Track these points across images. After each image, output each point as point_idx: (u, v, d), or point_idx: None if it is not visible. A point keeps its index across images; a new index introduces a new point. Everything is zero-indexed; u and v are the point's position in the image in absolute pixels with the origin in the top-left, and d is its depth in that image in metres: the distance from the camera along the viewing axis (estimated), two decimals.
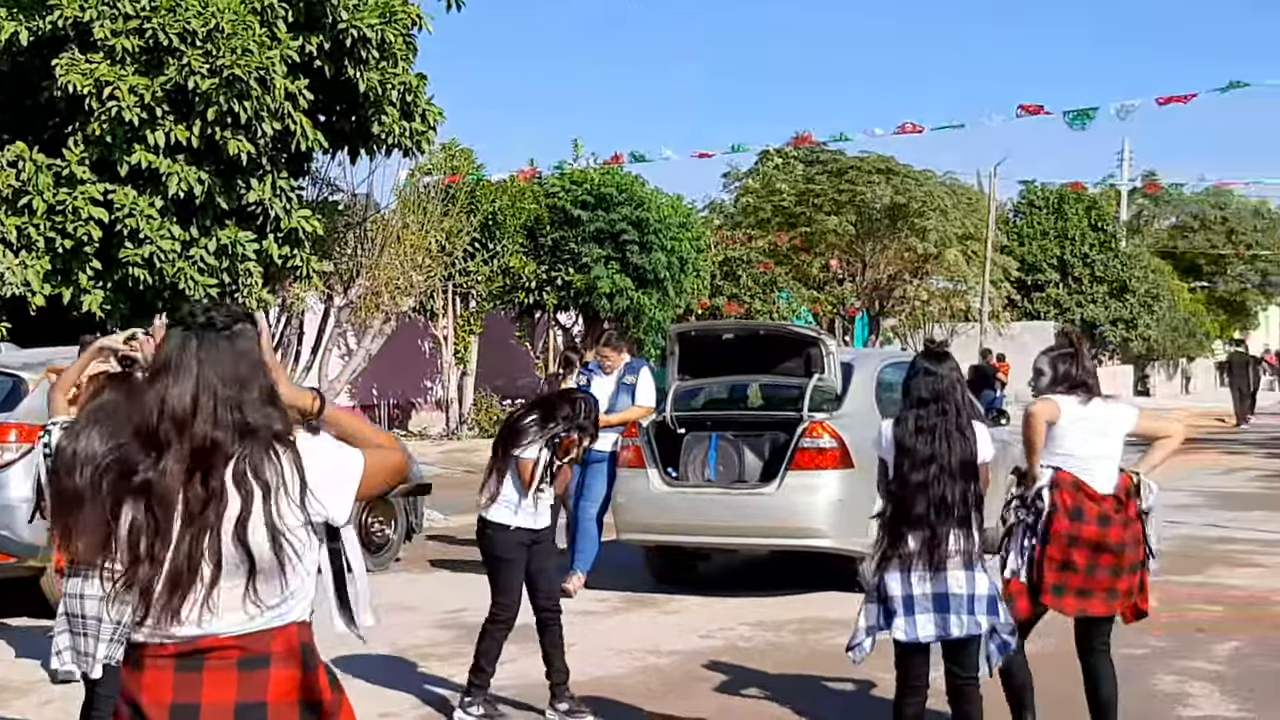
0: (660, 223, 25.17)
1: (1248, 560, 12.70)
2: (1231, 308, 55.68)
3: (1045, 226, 41.32)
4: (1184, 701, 7.71)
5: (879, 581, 5.85)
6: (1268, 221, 56.04)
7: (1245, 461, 22.62)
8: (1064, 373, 6.50)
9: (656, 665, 8.68)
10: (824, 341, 11.17)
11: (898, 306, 35.26)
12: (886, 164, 32.30)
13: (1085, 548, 6.27)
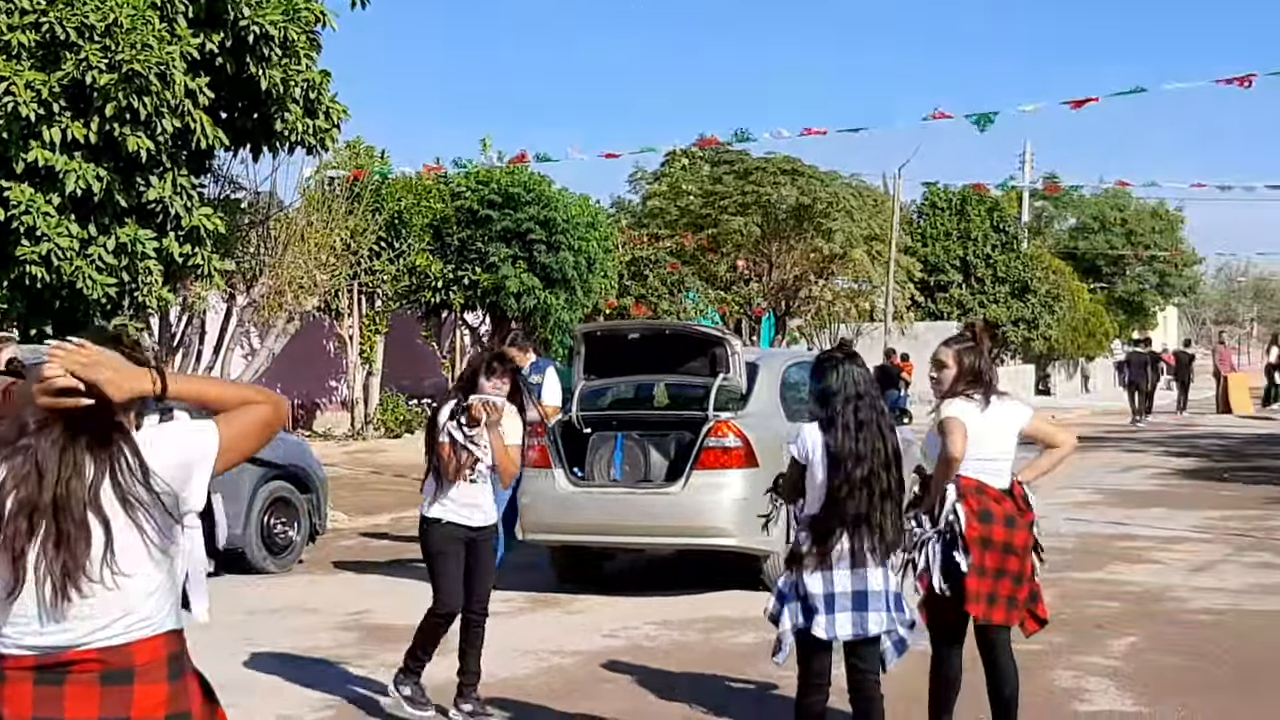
0: (567, 222, 25.14)
1: (1146, 557, 12.90)
2: (1130, 308, 56.61)
3: (948, 227, 41.79)
4: (1081, 697, 7.82)
5: (798, 580, 5.84)
6: (1165, 223, 57.01)
7: (1143, 460, 22.99)
8: (971, 366, 6.45)
9: (561, 665, 8.68)
10: (729, 341, 11.20)
11: (804, 307, 35.46)
12: (792, 165, 32.49)
13: (997, 550, 6.27)
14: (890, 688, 6.10)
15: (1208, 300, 79.24)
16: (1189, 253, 59.44)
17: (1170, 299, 62.59)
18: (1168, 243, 56.80)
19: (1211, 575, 11.89)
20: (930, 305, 40.41)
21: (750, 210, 32.15)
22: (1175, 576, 11.80)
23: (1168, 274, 57.78)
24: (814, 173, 32.86)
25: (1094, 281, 53.13)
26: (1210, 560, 12.70)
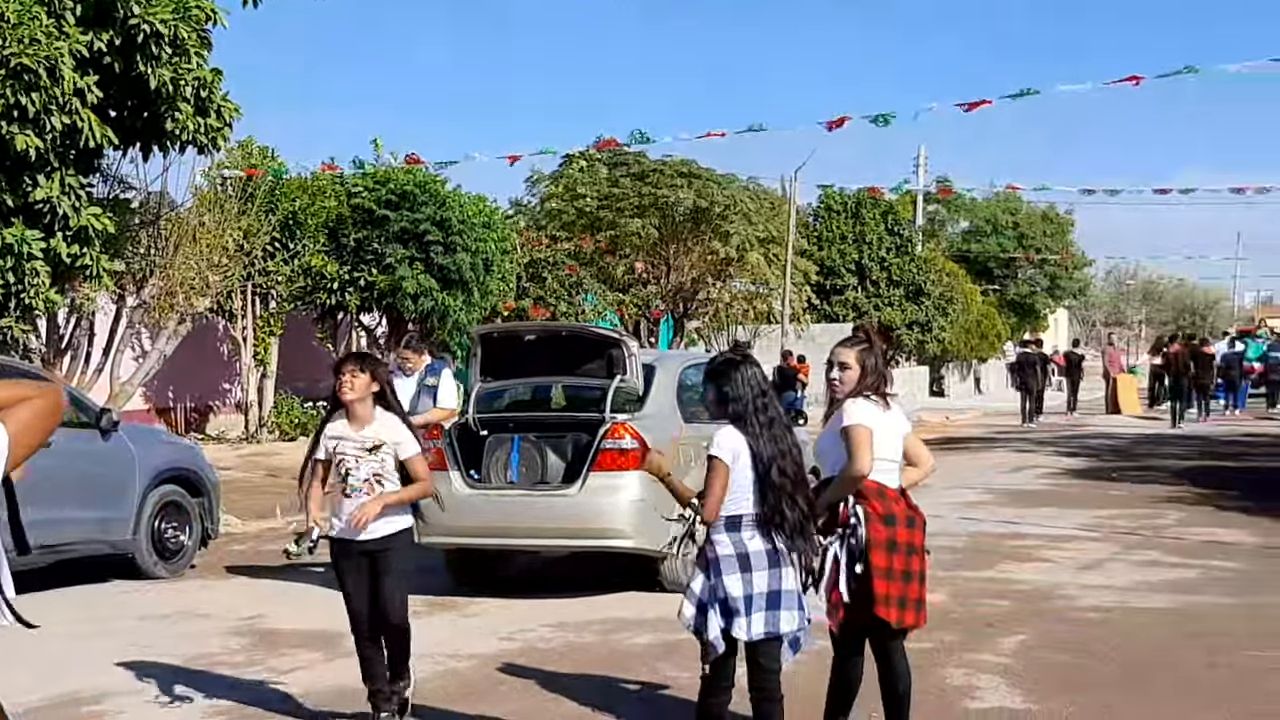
0: (463, 223, 25.01)
1: (1036, 556, 13.08)
2: (1022, 310, 57.43)
3: (844, 230, 42.16)
4: (972, 694, 7.91)
5: (716, 584, 5.83)
6: (1056, 226, 57.89)
7: (1034, 459, 23.32)
8: (873, 367, 6.46)
9: (456, 669, 8.63)
10: (626, 343, 11.21)
11: (702, 309, 35.60)
12: (689, 168, 32.59)
13: (902, 552, 6.30)
14: (786, 689, 6.13)
15: (1098, 302, 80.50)
16: (1079, 256, 60.46)
17: (1061, 301, 63.57)
18: (1058, 246, 57.70)
19: (1100, 573, 12.09)
20: (826, 308, 40.73)
21: (648, 213, 32.21)
22: (1064, 575, 11.99)
23: (1058, 276, 58.68)
24: (711, 175, 33.00)
25: (986, 284, 53.84)
26: (1098, 559, 12.92)
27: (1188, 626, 9.79)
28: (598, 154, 33.28)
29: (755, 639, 5.87)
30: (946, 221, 58.55)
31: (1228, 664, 8.62)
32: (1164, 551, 13.29)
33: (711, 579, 5.84)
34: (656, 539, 10.60)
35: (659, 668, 8.53)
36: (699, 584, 5.88)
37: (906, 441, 6.59)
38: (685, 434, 11.05)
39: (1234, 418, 34.70)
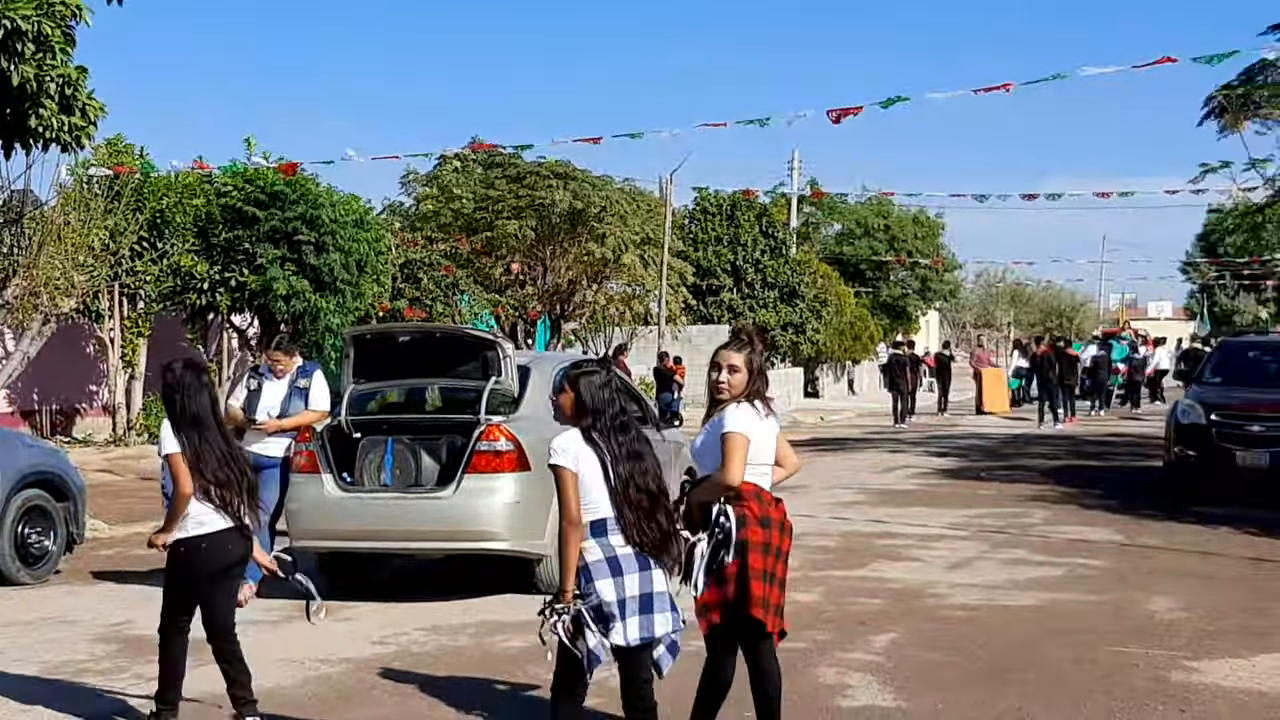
0: (335, 222, 24.73)
1: (907, 555, 13.26)
2: (894, 312, 58.17)
3: (719, 233, 42.37)
4: (843, 693, 8.00)
5: (590, 592, 5.81)
6: (926, 229, 58.72)
7: (905, 459, 23.63)
8: (759, 369, 6.49)
9: (328, 674, 8.54)
10: (501, 345, 11.18)
11: (578, 310, 35.58)
12: (565, 169, 32.56)
13: (774, 555, 6.33)
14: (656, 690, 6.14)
15: (967, 305, 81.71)
16: (949, 259, 61.39)
17: (932, 303, 64.47)
18: (929, 249, 58.52)
19: (968, 572, 12.28)
20: (702, 309, 40.92)
21: (525, 214, 32.12)
22: (934, 573, 12.16)
23: (929, 279, 59.52)
24: (587, 177, 33.00)
25: (859, 286, 54.46)
26: (967, 557, 13.13)
27: (1053, 624, 9.99)
28: (473, 155, 33.14)
29: (632, 644, 5.87)
30: (820, 224, 59.14)
31: (1092, 660, 8.81)
32: (1031, 550, 13.54)
33: (583, 588, 5.83)
34: (532, 541, 10.60)
35: (534, 671, 8.50)
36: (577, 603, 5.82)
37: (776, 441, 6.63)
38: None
39: (1099, 418, 35.48)
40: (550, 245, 33.54)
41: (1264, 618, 10.20)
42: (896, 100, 19.47)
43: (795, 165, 51.73)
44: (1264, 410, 17.49)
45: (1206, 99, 19.71)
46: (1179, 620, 10.11)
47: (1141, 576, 12.03)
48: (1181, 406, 18.21)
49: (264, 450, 11.00)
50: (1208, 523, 15.23)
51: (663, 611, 5.91)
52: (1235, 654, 8.97)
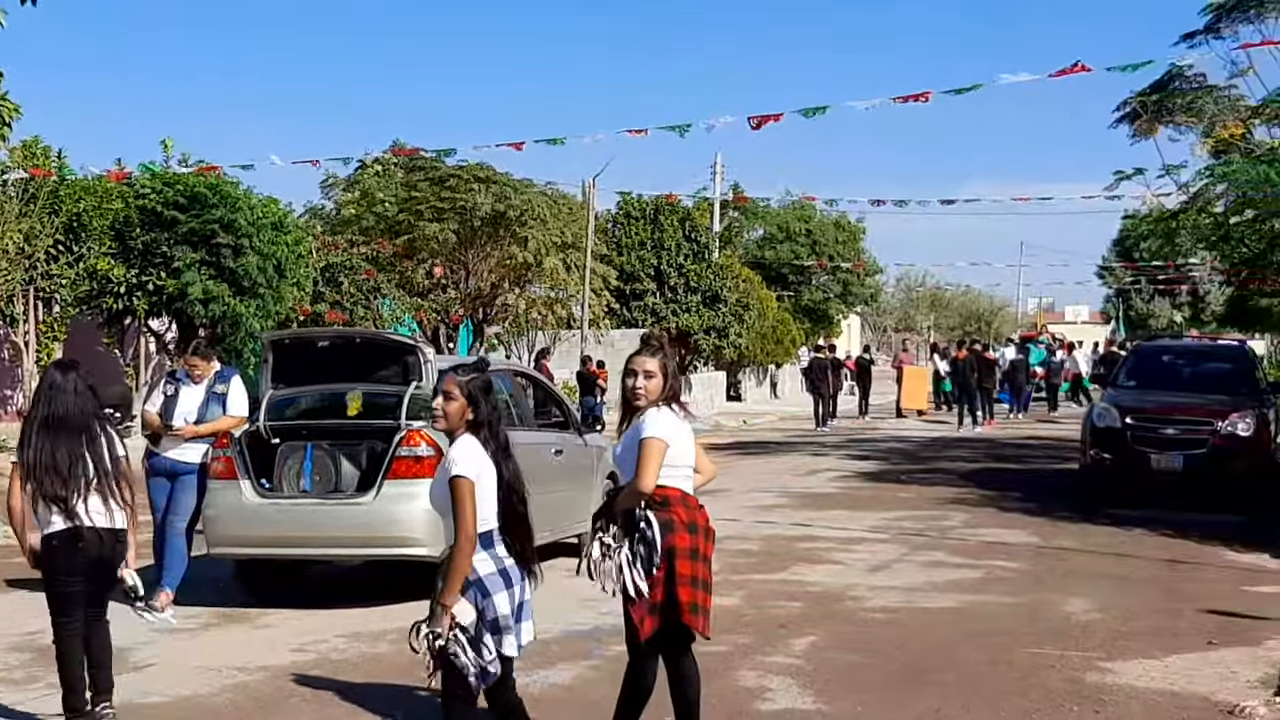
0: (253, 224, 24.50)
1: (827, 558, 13.33)
2: (816, 316, 58.44)
3: (643, 237, 42.38)
4: (763, 696, 8.04)
5: (486, 604, 5.76)
6: (847, 234, 59.05)
7: (826, 463, 23.73)
8: (673, 374, 6.53)
9: (247, 682, 8.45)
10: (421, 349, 11.16)
11: (501, 314, 35.48)
12: (487, 173, 32.46)
13: (700, 560, 6.36)
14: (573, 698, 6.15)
15: (888, 309, 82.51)
16: (870, 263, 61.81)
17: (853, 307, 64.88)
18: (850, 253, 58.87)
19: (888, 574, 12.38)
20: (626, 313, 40.92)
21: (446, 217, 31.98)
22: (855, 576, 12.24)
23: (850, 283, 59.84)
24: (509, 180, 32.92)
25: (781, 290, 54.64)
26: (887, 560, 13.23)
27: (971, 625, 10.09)
28: (394, 159, 33.02)
29: (518, 653, 5.90)
30: (743, 229, 59.34)
31: (1008, 661, 8.91)
32: (949, 552, 13.66)
33: (480, 603, 5.77)
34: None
35: None
36: (462, 610, 5.71)
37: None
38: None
39: (1017, 421, 35.87)
40: (472, 249, 33.42)
41: (1177, 619, 10.35)
42: (817, 110, 19.70)
43: (718, 170, 51.90)
44: (1178, 414, 17.77)
45: (1120, 105, 20.00)
46: (1094, 621, 10.25)
47: (1058, 578, 12.18)
48: (1097, 410, 18.45)
49: (181, 456, 10.89)
50: (1123, 525, 15.44)
51: (531, 619, 5.96)
52: (1149, 655, 9.10)
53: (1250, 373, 19.83)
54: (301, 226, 29.03)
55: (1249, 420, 17.45)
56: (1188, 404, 18.13)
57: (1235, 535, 14.57)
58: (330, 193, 37.19)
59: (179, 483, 10.85)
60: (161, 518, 10.90)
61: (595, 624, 9.57)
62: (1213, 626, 10.01)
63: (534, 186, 34.20)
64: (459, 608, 5.70)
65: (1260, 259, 20.15)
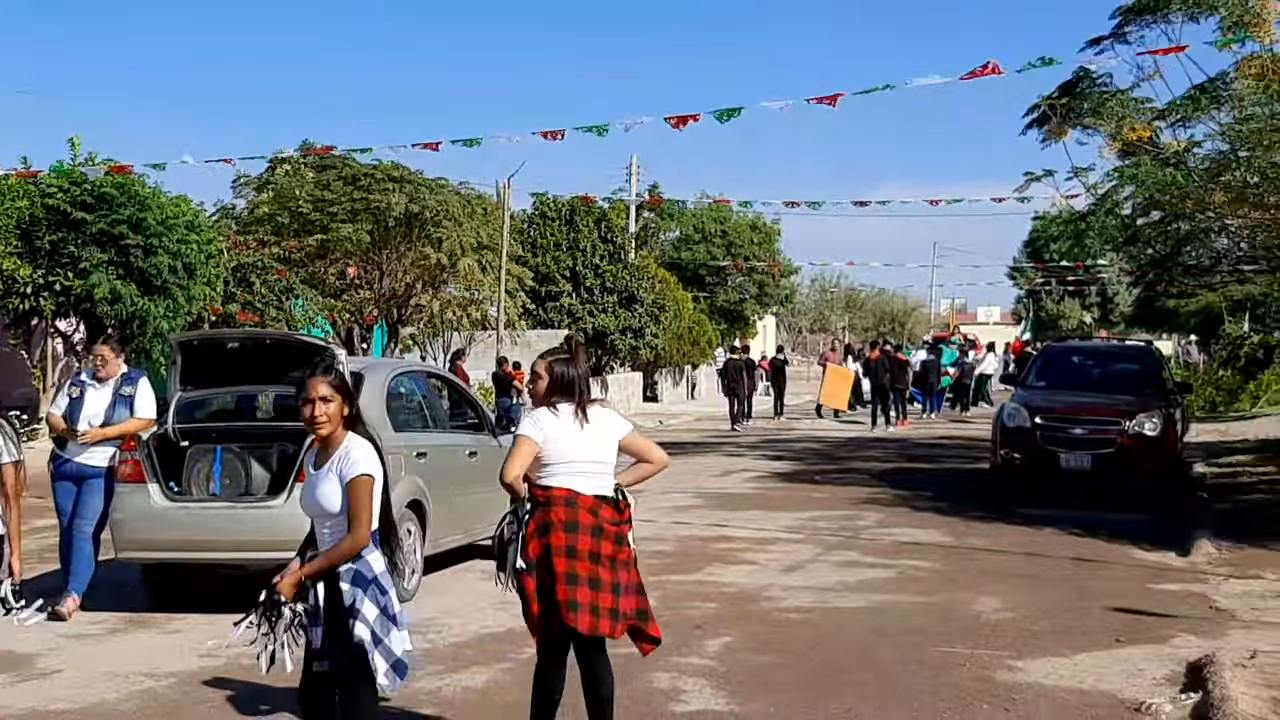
0: (163, 224, 24.18)
1: (742, 558, 13.37)
2: (731, 316, 58.69)
3: (558, 238, 42.33)
4: (677, 698, 8.04)
5: (386, 601, 5.82)
6: (763, 235, 59.35)
7: (742, 463, 23.81)
8: (561, 376, 6.62)
9: (154, 688, 8.34)
10: (333, 351, 10.96)
11: (416, 315, 35.29)
12: (401, 173, 32.29)
13: (584, 559, 6.38)
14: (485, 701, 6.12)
15: (803, 309, 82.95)
16: (785, 264, 62.20)
17: (769, 308, 65.19)
18: (765, 254, 59.19)
19: (802, 574, 12.43)
20: (541, 314, 40.85)
21: (360, 217, 31.76)
22: (769, 576, 12.29)
23: (766, 284, 60.16)
24: (423, 180, 32.76)
25: (697, 291, 54.82)
26: (801, 560, 13.29)
27: (884, 625, 10.16)
28: (304, 159, 32.75)
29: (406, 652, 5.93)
30: (658, 230, 59.45)
31: (920, 660, 8.97)
32: (863, 552, 13.75)
33: (380, 599, 5.82)
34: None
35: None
36: (369, 609, 5.78)
37: (630, 444, 6.74)
38: (395, 443, 11.06)
39: (929, 421, 36.20)
40: (386, 249, 33.22)
41: (1085, 617, 10.48)
42: (733, 112, 19.82)
43: (634, 171, 51.98)
44: (1086, 414, 18.02)
45: (1030, 108, 20.20)
46: (1004, 620, 10.35)
47: (969, 578, 12.29)
48: (1007, 410, 18.65)
49: (88, 460, 10.71)
50: (1033, 524, 15.61)
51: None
52: (1058, 653, 9.21)
53: (1157, 373, 20.15)
54: (213, 226, 28.68)
55: (1156, 420, 17.72)
56: (1096, 404, 18.39)
57: (1142, 534, 14.78)
58: (242, 191, 36.80)
59: (85, 486, 10.67)
60: (68, 521, 10.72)
61: (509, 626, 9.52)
62: (1120, 625, 10.14)
63: (448, 187, 34.05)
64: (369, 612, 5.74)
65: (1167, 261, 20.46)
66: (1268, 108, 16.42)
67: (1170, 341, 61.43)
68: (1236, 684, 7.87)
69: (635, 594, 6.59)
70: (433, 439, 12.10)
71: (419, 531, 11.45)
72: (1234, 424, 31.35)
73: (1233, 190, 16.91)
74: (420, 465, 11.50)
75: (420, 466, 11.49)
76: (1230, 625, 10.09)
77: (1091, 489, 17.62)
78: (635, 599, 6.58)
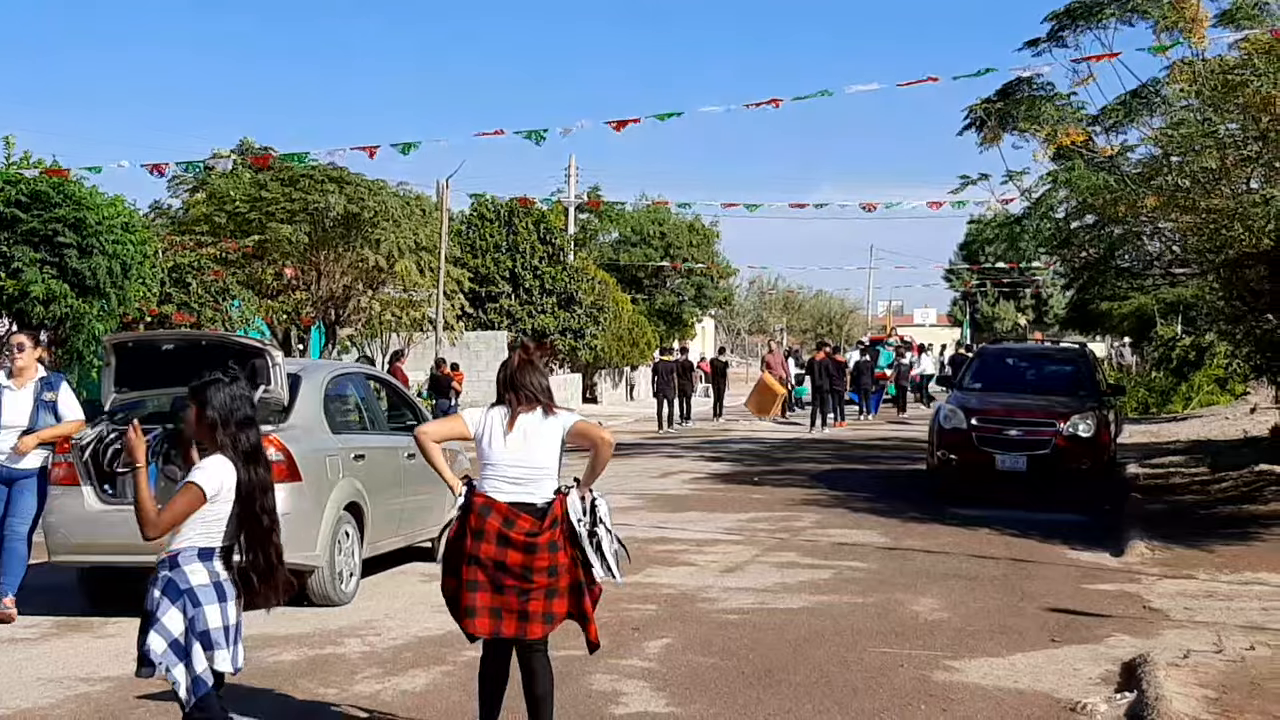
0: (100, 224, 23.91)
1: (681, 560, 13.39)
2: (670, 318, 58.83)
3: (498, 240, 42.26)
4: (617, 700, 8.05)
5: (195, 614, 5.78)
6: (701, 237, 59.56)
7: (681, 465, 23.83)
8: (497, 376, 6.83)
9: (89, 693, 8.25)
10: (269, 353, 10.91)
11: (354, 316, 35.09)
12: (339, 173, 32.11)
13: (489, 567, 6.51)
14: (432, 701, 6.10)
15: (742, 311, 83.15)
16: (724, 266, 62.39)
17: (707, 310, 65.36)
18: (704, 256, 59.36)
19: (741, 575, 12.48)
20: (481, 316, 40.75)
21: (298, 218, 31.57)
22: (708, 578, 12.32)
23: (704, 286, 60.34)
24: (361, 181, 32.60)
25: (636, 293, 54.92)
26: (740, 561, 13.33)
27: (822, 625, 10.21)
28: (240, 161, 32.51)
29: (237, 670, 5.93)
30: (598, 231, 59.48)
31: (858, 661, 9.03)
32: (801, 553, 13.81)
33: (190, 611, 5.78)
34: (303, 552, 10.39)
35: (305, 685, 8.39)
36: (172, 619, 5.78)
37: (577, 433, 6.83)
38: (333, 445, 11.15)
39: (867, 422, 36.40)
40: (325, 250, 33.02)
41: (1020, 617, 10.58)
42: (672, 114, 20.12)
43: (572, 173, 51.94)
44: (1021, 415, 18.19)
45: (966, 111, 20.35)
46: (941, 621, 10.43)
47: (906, 578, 12.37)
48: (944, 412, 18.79)
49: (19, 464, 10.55)
50: (969, 525, 15.73)
51: (240, 642, 5.96)
52: (994, 653, 9.29)
53: (1091, 375, 20.37)
54: (148, 226, 28.38)
55: (1090, 421, 17.92)
56: (1031, 406, 18.57)
57: (1077, 534, 14.94)
58: (177, 191, 36.46)
59: (17, 487, 10.53)
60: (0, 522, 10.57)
61: (448, 629, 9.48)
62: (1056, 625, 10.25)
63: (387, 188, 33.90)
64: (166, 617, 5.77)
65: (1100, 264, 20.65)
66: (1198, 113, 16.64)
67: (1103, 343, 62.07)
68: (1170, 683, 7.98)
69: (567, 596, 6.67)
70: (371, 441, 12.05)
71: (357, 534, 11.39)
72: (1166, 425, 31.75)
73: (1164, 194, 17.10)
74: (358, 467, 11.44)
75: (358, 469, 11.43)
76: (1164, 625, 10.22)
77: (1027, 490, 17.80)
78: (567, 601, 6.68)
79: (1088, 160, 18.62)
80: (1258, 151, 16.18)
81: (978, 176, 20.70)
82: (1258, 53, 15.39)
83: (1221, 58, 16.89)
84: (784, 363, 39.77)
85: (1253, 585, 11.83)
